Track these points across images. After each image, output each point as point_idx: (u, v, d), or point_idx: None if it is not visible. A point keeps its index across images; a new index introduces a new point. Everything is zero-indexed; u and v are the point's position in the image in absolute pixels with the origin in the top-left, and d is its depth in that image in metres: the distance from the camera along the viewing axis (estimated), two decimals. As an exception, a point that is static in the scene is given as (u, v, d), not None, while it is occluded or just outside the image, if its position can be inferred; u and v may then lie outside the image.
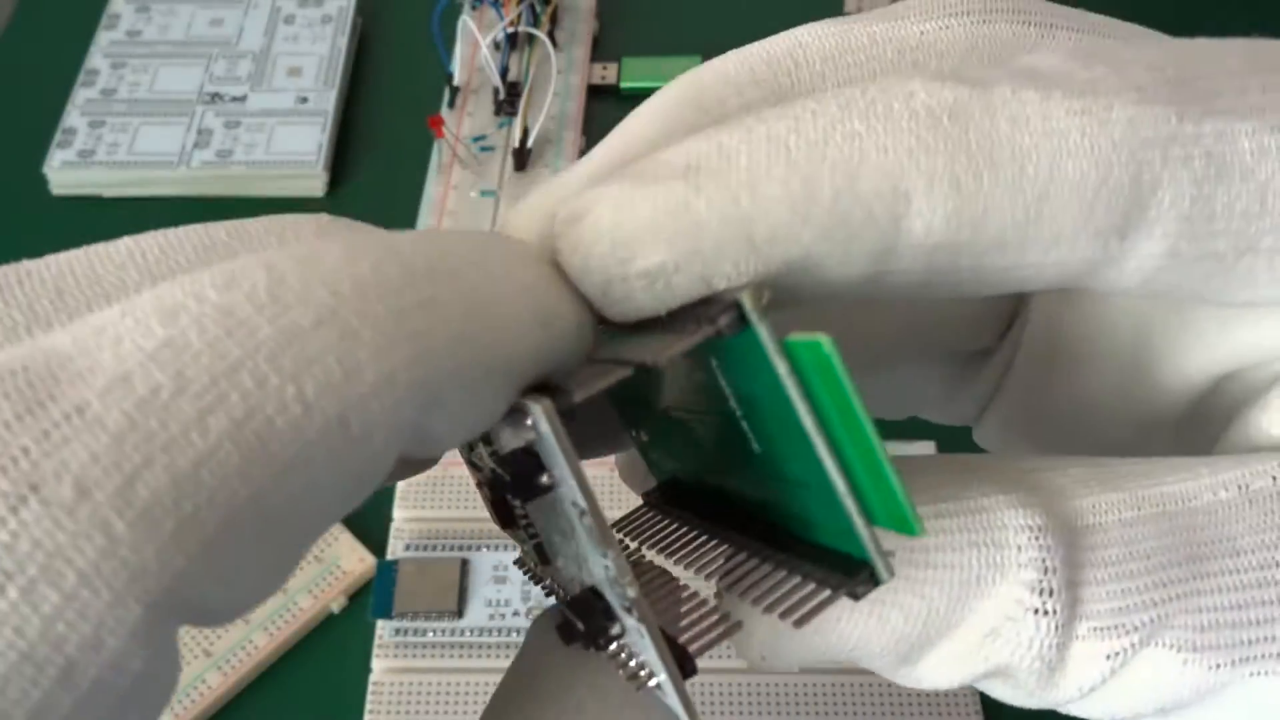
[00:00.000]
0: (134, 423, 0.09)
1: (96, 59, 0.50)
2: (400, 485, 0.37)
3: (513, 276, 0.12)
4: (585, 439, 0.16)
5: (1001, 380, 0.19)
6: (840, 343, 0.11)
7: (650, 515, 0.16)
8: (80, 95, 0.48)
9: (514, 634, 0.34)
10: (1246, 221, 0.13)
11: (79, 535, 0.09)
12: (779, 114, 0.12)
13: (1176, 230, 0.13)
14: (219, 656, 0.34)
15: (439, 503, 0.36)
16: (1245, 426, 0.15)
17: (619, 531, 0.16)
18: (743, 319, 0.11)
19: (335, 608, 0.35)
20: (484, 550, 0.36)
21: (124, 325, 0.10)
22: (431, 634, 0.34)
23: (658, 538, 0.15)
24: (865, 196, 0.12)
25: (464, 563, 0.35)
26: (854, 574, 0.12)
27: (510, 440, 0.12)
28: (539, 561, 0.15)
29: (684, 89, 0.14)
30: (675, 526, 0.15)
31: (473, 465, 0.15)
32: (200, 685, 0.33)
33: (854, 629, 0.13)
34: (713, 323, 0.11)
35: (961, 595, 0.13)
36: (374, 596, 0.35)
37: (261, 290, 0.10)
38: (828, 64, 0.14)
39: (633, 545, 0.15)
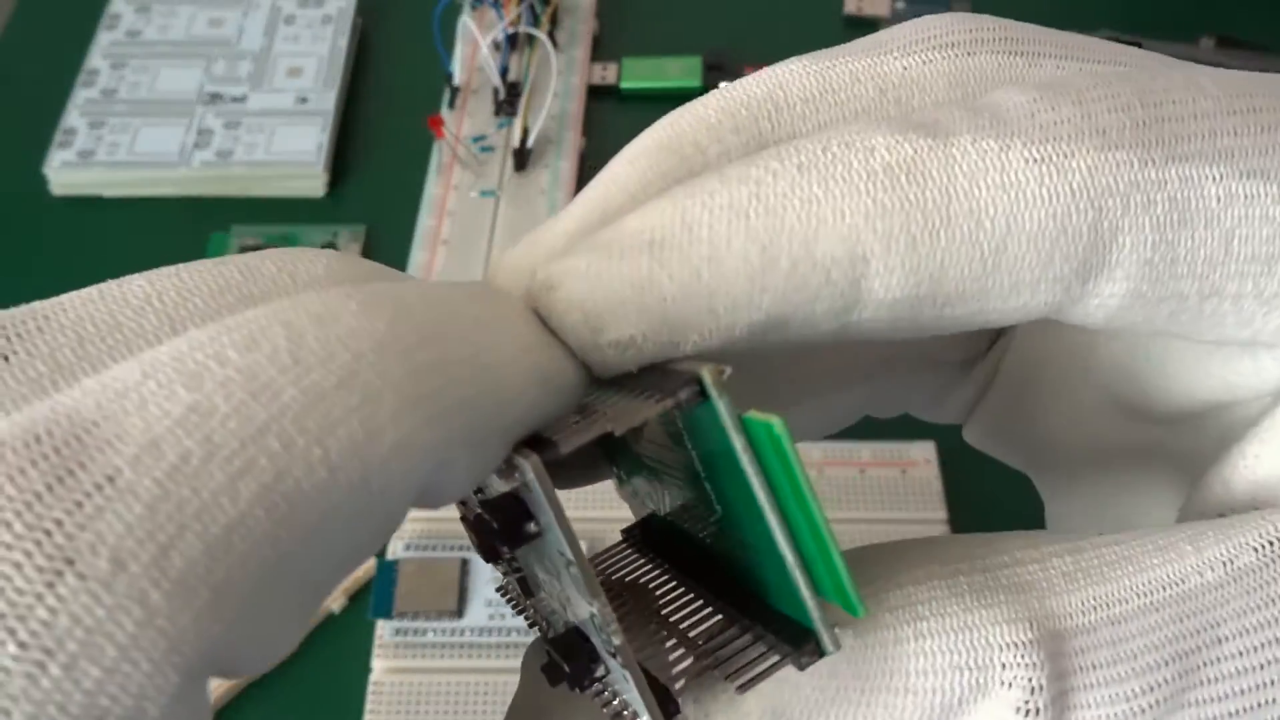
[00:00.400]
0: (166, 491, 0.09)
1: (96, 59, 0.50)
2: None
3: (514, 337, 0.12)
4: (569, 472, 0.16)
5: (986, 389, 0.19)
6: (822, 359, 0.12)
7: (628, 554, 0.16)
8: (80, 95, 0.48)
9: (514, 634, 0.34)
10: (1210, 267, 0.13)
11: (117, 609, 0.09)
12: (741, 176, 0.13)
13: (1139, 274, 0.13)
14: (219, 656, 0.34)
15: (439, 503, 0.36)
16: (1223, 467, 0.14)
17: (597, 565, 0.16)
18: (703, 392, 0.12)
19: (335, 608, 0.35)
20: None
21: (148, 389, 0.10)
22: (431, 634, 0.34)
23: (632, 575, 0.15)
24: (823, 262, 0.12)
25: (464, 563, 0.35)
26: (801, 644, 0.12)
27: (499, 486, 0.13)
28: (522, 593, 0.15)
29: (664, 135, 0.14)
30: (649, 569, 0.15)
31: (459, 503, 0.16)
32: (200, 685, 0.33)
33: None
34: (673, 395, 0.12)
35: (941, 718, 0.13)
36: (374, 596, 0.35)
37: (284, 352, 0.10)
38: (808, 106, 0.14)
39: (616, 577, 0.15)
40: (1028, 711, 0.12)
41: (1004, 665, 0.12)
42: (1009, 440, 0.19)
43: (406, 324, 0.11)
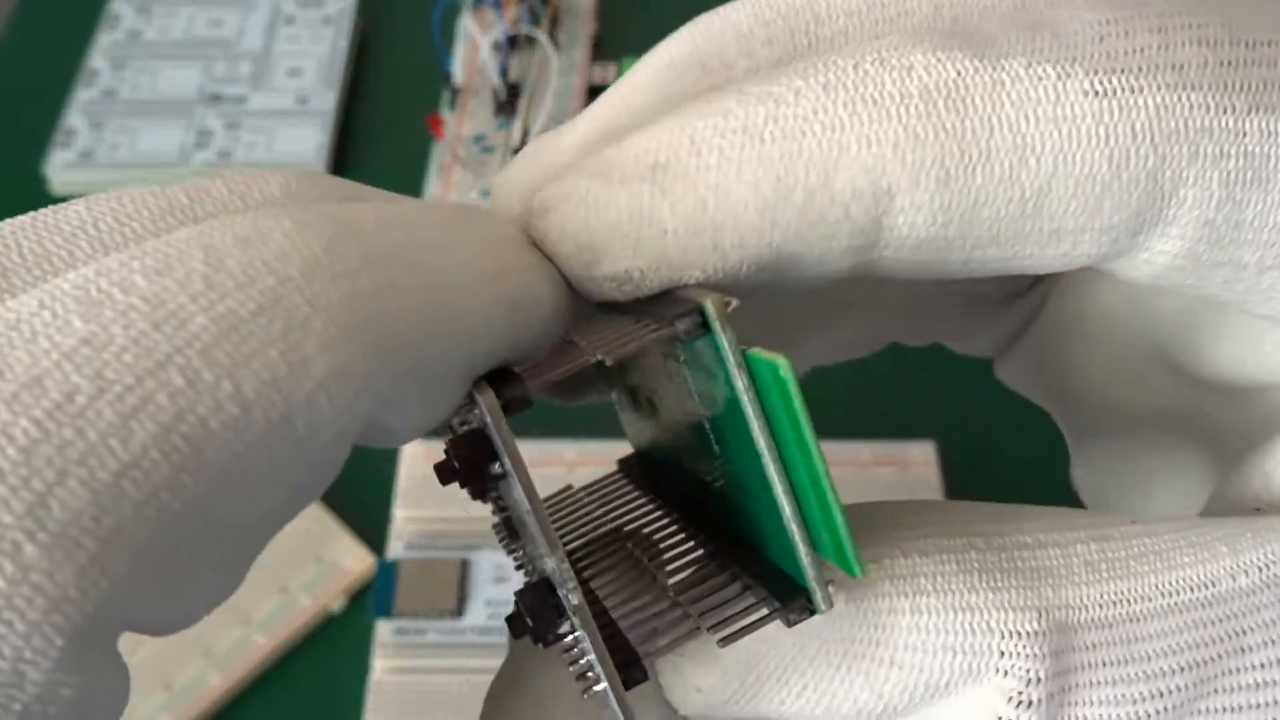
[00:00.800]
0: (45, 433, 0.08)
1: (96, 59, 0.50)
2: (401, 484, 0.37)
3: (483, 260, 0.11)
4: (564, 391, 0.16)
5: (1024, 329, 0.17)
6: (843, 287, 0.11)
7: (622, 484, 0.15)
8: (80, 96, 0.48)
9: (514, 634, 0.34)
10: (1277, 233, 0.11)
11: None
12: (760, 94, 0.11)
13: (1196, 234, 0.11)
14: (219, 656, 0.34)
15: (439, 502, 0.36)
16: (1265, 458, 0.13)
17: (591, 495, 0.15)
18: (704, 324, 0.11)
19: (335, 608, 0.35)
20: (484, 550, 0.36)
21: (41, 320, 0.09)
22: (431, 634, 0.34)
23: (623, 511, 0.15)
24: (842, 196, 0.11)
25: (464, 563, 0.35)
26: (791, 600, 0.11)
27: (464, 421, 0.12)
28: (509, 535, 0.14)
29: (690, 44, 0.13)
30: (641, 506, 0.15)
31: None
32: (200, 685, 0.33)
33: (796, 711, 0.12)
34: (670, 325, 0.11)
35: (926, 697, 0.12)
36: (374, 596, 0.35)
37: (198, 276, 0.09)
38: (852, 19, 0.13)
39: (605, 512, 0.15)
40: (1020, 702, 0.11)
41: (1002, 653, 0.11)
42: (1042, 383, 0.18)
43: (349, 245, 0.10)
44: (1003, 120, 0.11)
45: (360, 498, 0.37)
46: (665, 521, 0.14)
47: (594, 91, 0.49)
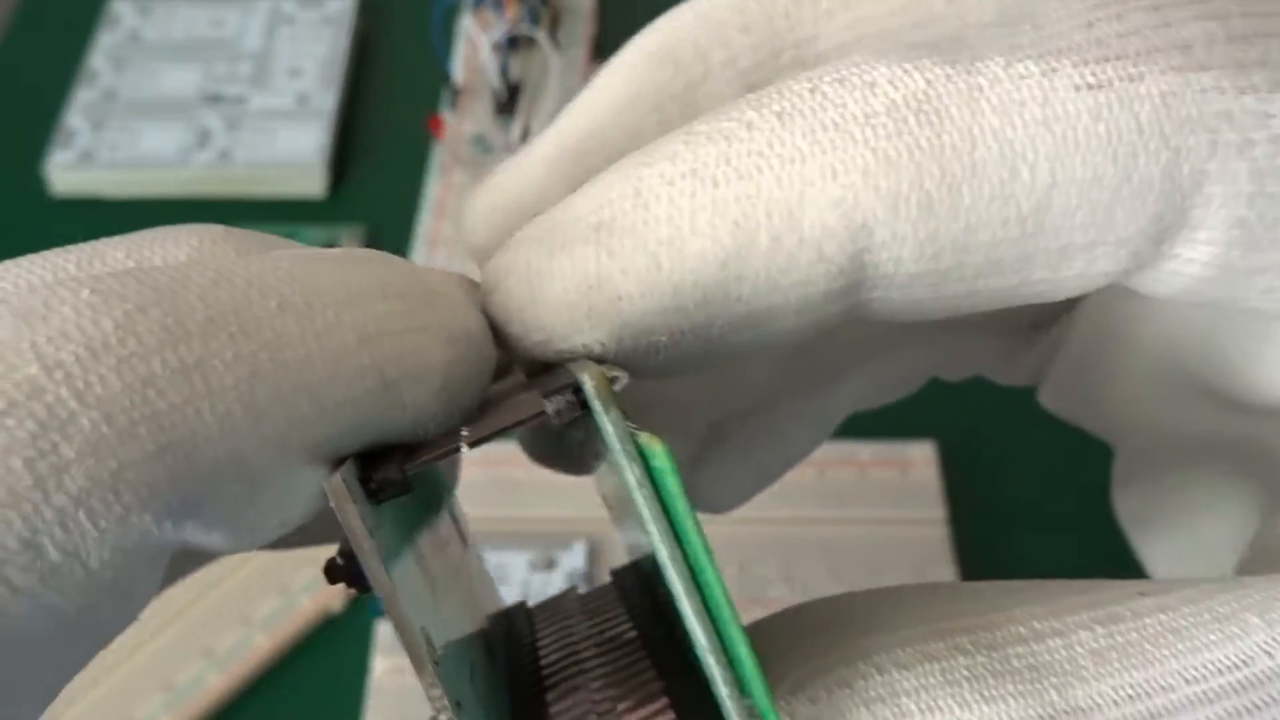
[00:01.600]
0: None
1: (96, 59, 0.50)
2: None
3: (354, 323, 0.09)
4: (563, 462, 0.14)
5: (1056, 355, 0.16)
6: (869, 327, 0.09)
7: (609, 600, 0.13)
8: (80, 96, 0.48)
9: (514, 634, 0.34)
10: None
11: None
12: (709, 132, 0.10)
13: (1228, 237, 0.10)
14: (219, 656, 0.34)
15: (439, 503, 0.36)
16: None
17: (585, 607, 0.13)
18: (583, 403, 0.09)
19: (335, 608, 0.35)
20: (484, 550, 0.36)
21: None
22: (431, 634, 0.34)
23: (606, 630, 0.13)
24: (812, 236, 0.10)
25: (464, 563, 0.35)
26: None
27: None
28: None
29: (660, 38, 0.11)
30: (622, 624, 0.13)
31: None
32: (200, 685, 0.33)
33: None
34: (541, 401, 0.09)
35: None
36: (374, 596, 0.34)
37: None
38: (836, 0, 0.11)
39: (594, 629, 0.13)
40: None
41: None
42: (1082, 409, 0.16)
43: (152, 317, 0.08)
44: (985, 129, 0.10)
45: (360, 498, 0.37)
46: (631, 655, 0.12)
47: (594, 92, 0.49)
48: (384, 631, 0.34)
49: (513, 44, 0.49)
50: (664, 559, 0.09)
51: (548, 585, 0.35)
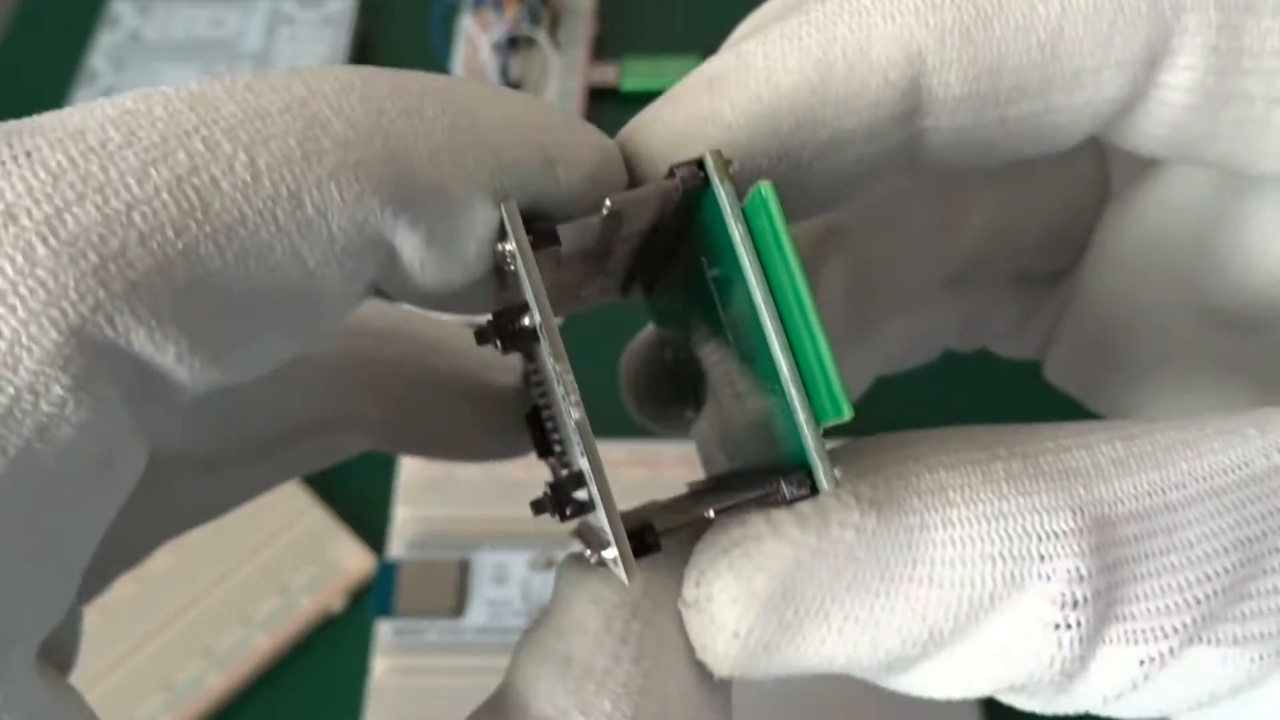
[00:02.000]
0: (74, 164, 0.10)
1: (96, 59, 0.50)
2: (401, 484, 0.37)
3: (526, 117, 0.12)
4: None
5: (1062, 319, 0.18)
6: (916, 249, 0.12)
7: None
8: (80, 96, 0.48)
9: (514, 634, 0.34)
10: (1279, 63, 0.12)
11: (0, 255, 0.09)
12: (797, 9, 0.13)
13: (1204, 63, 0.12)
14: (219, 656, 0.34)
15: (439, 502, 0.36)
16: None
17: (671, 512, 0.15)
18: (705, 178, 0.11)
19: (335, 608, 0.35)
20: (484, 550, 0.36)
21: (102, 103, 0.11)
22: (431, 634, 0.34)
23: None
24: (879, 64, 0.12)
25: (464, 563, 0.35)
26: (790, 475, 0.11)
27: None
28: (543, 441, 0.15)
29: None
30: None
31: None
32: (200, 685, 0.33)
33: (841, 649, 0.12)
34: (672, 176, 0.12)
35: (971, 615, 0.11)
36: (374, 596, 0.35)
37: (241, 82, 0.11)
38: None
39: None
40: (1067, 603, 0.11)
41: (1042, 556, 0.11)
42: (1096, 359, 0.18)
43: (385, 78, 0.11)
44: None
45: (360, 498, 0.37)
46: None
47: (594, 92, 0.49)
48: (384, 631, 0.34)
49: (513, 44, 0.49)
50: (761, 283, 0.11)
51: (547, 585, 0.35)
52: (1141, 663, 0.11)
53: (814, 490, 0.11)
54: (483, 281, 0.13)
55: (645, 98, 0.15)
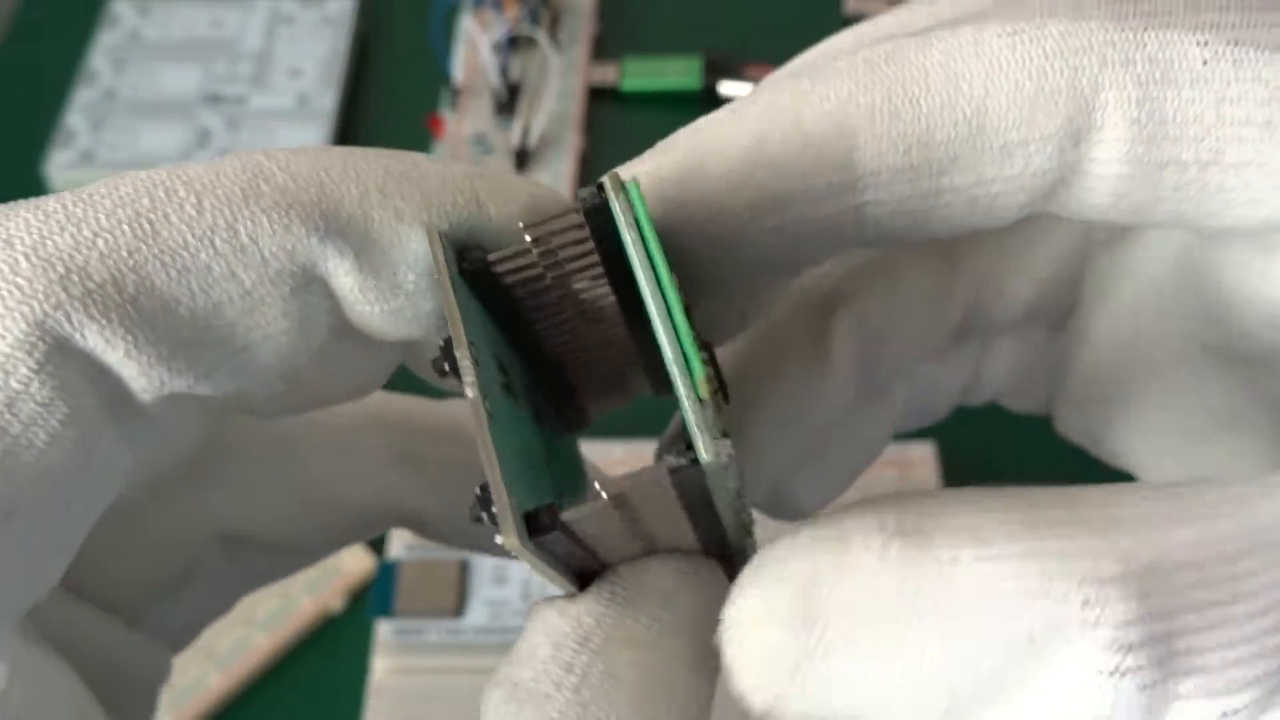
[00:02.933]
0: (65, 207, 0.12)
1: (96, 59, 0.50)
2: (400, 485, 0.37)
3: (464, 168, 0.14)
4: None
5: (1072, 354, 0.18)
6: (916, 315, 0.14)
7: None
8: (80, 96, 0.48)
9: (514, 635, 0.34)
10: (1203, 129, 0.13)
11: None
12: (747, 95, 0.14)
13: (1128, 134, 0.13)
14: (219, 656, 0.34)
15: (439, 503, 0.36)
16: None
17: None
18: (602, 195, 0.12)
19: (335, 608, 0.35)
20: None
21: (100, 183, 0.13)
22: (431, 634, 0.34)
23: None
24: (813, 135, 0.13)
25: (464, 563, 0.35)
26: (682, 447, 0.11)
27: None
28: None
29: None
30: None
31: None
32: (200, 685, 0.33)
33: (874, 677, 0.11)
34: (577, 198, 0.13)
35: (1011, 654, 0.11)
36: (374, 596, 0.35)
37: (201, 167, 0.13)
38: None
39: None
40: (1120, 648, 0.11)
41: (1086, 600, 0.11)
42: (1096, 420, 0.18)
43: (336, 151, 0.13)
44: (933, 64, 0.13)
45: (360, 498, 0.37)
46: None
47: (594, 92, 0.49)
48: (384, 631, 0.34)
49: (513, 44, 0.49)
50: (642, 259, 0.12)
51: (547, 586, 0.35)
52: (1224, 715, 0.11)
53: (695, 462, 0.11)
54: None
55: (645, 98, 0.15)
